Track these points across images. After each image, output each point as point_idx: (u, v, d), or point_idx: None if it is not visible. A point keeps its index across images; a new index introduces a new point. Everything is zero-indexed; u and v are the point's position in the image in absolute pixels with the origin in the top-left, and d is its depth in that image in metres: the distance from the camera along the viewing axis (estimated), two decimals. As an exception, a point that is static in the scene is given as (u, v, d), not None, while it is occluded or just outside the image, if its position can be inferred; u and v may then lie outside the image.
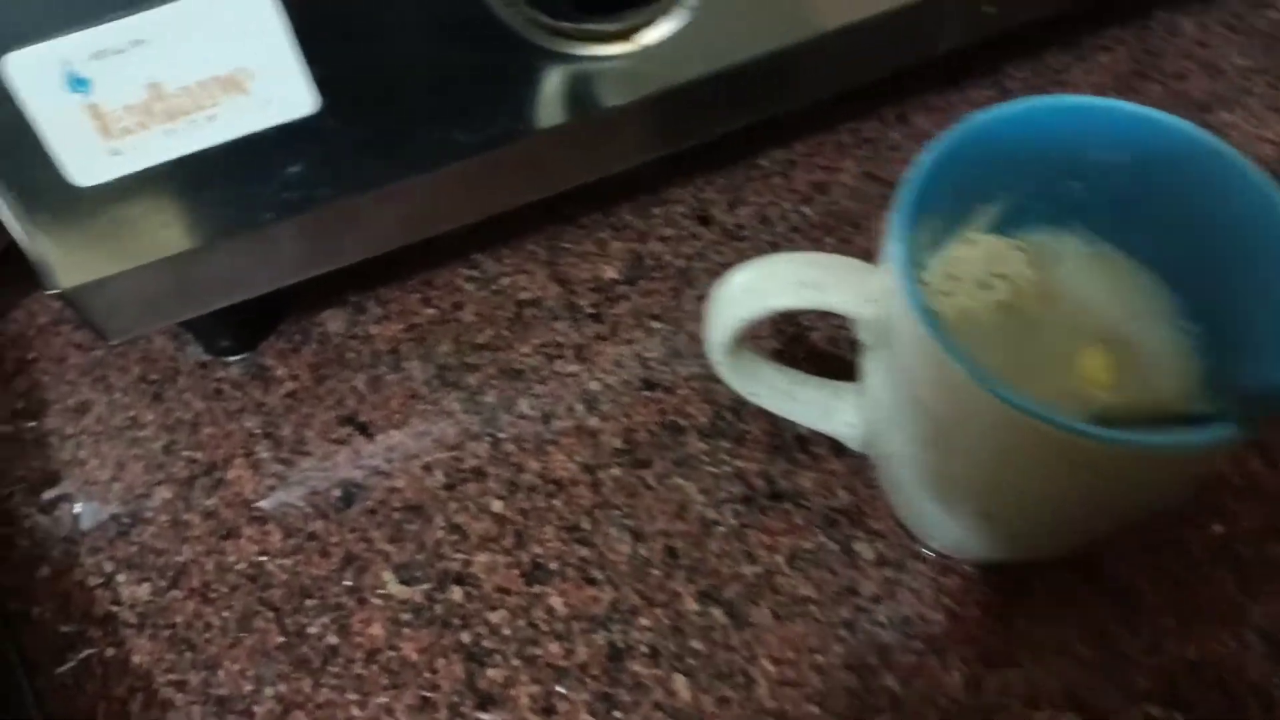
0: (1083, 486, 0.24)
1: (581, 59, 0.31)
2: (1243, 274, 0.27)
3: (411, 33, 0.29)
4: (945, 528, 0.32)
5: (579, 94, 0.32)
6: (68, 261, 0.29)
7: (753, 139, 0.43)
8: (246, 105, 0.28)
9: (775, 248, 0.40)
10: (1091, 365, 0.29)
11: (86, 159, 0.27)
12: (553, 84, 0.31)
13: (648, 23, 0.31)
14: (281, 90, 0.28)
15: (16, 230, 0.28)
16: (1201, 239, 0.28)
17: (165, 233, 0.29)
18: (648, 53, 0.31)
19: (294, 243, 0.31)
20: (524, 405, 0.37)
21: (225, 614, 0.34)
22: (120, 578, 0.34)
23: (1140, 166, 0.28)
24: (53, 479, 0.37)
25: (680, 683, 0.32)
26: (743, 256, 0.40)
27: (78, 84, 0.26)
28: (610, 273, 0.40)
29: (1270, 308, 0.26)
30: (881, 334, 0.26)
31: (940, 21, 0.36)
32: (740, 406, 0.36)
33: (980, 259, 0.29)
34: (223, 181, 0.29)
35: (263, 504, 0.35)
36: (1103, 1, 0.43)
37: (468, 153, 0.31)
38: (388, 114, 0.30)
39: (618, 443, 0.36)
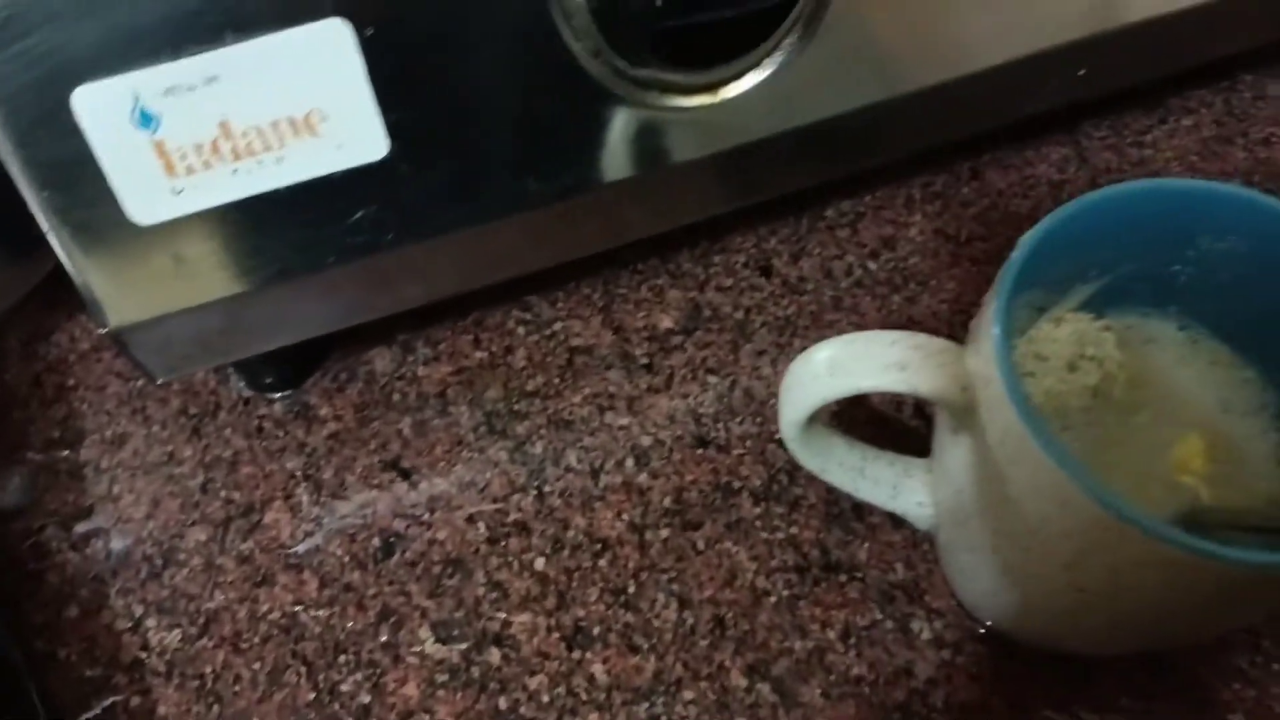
0: (1172, 593, 0.23)
1: (662, 110, 0.31)
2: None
3: (490, 79, 0.29)
4: (1013, 614, 0.31)
5: (656, 145, 0.32)
6: (119, 300, 0.29)
7: (820, 189, 0.42)
8: (316, 147, 0.28)
9: (838, 302, 0.40)
10: (1187, 453, 0.28)
11: (148, 197, 0.27)
12: (630, 135, 0.30)
13: (735, 77, 0.31)
14: (353, 134, 0.28)
15: (69, 265, 0.29)
16: None
17: (221, 274, 0.29)
18: (729, 106, 0.31)
19: (353, 288, 0.31)
20: (572, 458, 0.37)
21: (255, 666, 0.33)
22: (149, 622, 0.34)
23: (1252, 255, 0.27)
24: (86, 512, 0.37)
25: (726, 763, 0.31)
26: (803, 310, 0.40)
27: (146, 120, 0.26)
28: (666, 322, 0.40)
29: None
30: (969, 418, 0.26)
31: (1028, 84, 0.35)
32: (795, 469, 0.36)
33: (1068, 340, 0.29)
34: (285, 223, 0.29)
35: (299, 550, 0.35)
36: (1190, 68, 0.42)
37: (539, 202, 0.31)
38: (459, 160, 0.30)
39: (668, 502, 0.36)
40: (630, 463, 0.37)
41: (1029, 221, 0.42)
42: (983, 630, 0.33)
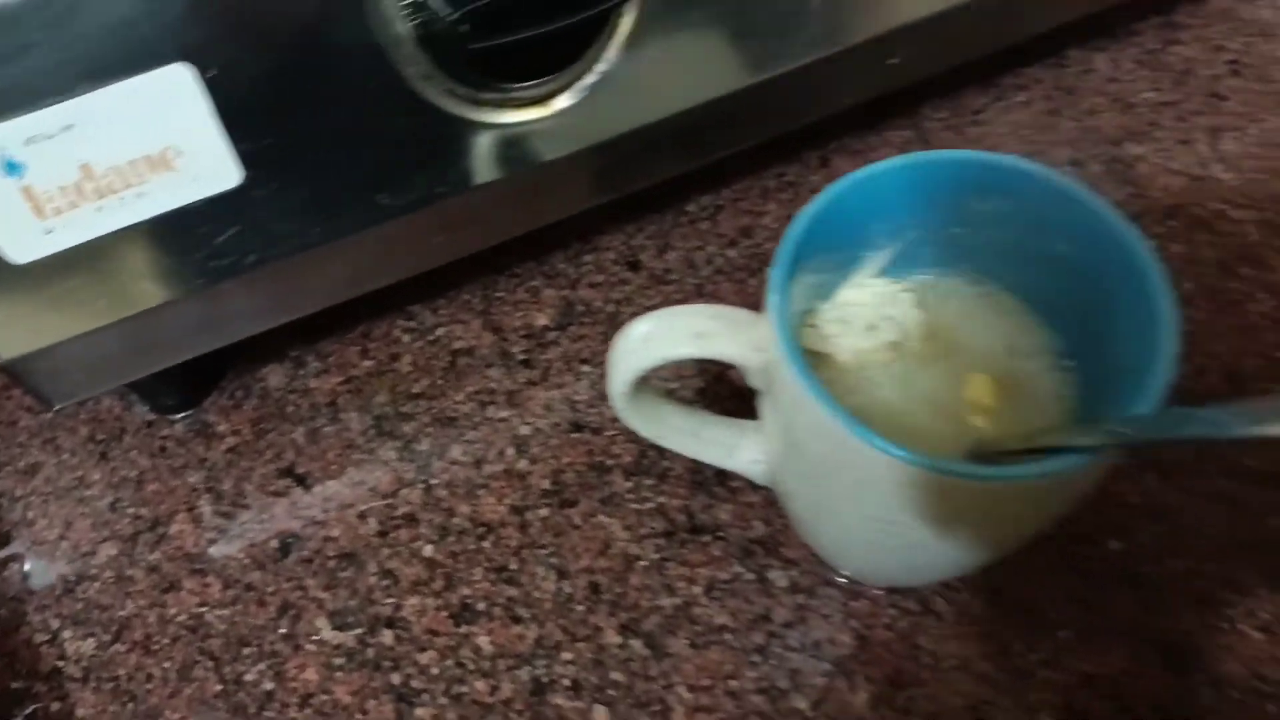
0: (954, 517, 0.28)
1: (499, 124, 0.35)
2: (1106, 313, 0.30)
3: (333, 107, 0.33)
4: (845, 557, 0.35)
5: (497, 157, 0.36)
6: (7, 333, 0.33)
7: (682, 186, 0.47)
8: (174, 181, 0.32)
9: (700, 289, 0.44)
10: (975, 391, 0.32)
11: (21, 238, 0.31)
12: (471, 148, 0.35)
13: (564, 88, 0.35)
14: (207, 166, 0.32)
15: (-42, 304, 0.32)
16: (1072, 280, 0.32)
17: (100, 303, 0.33)
18: (563, 116, 0.35)
19: (227, 306, 0.35)
20: (456, 451, 0.41)
21: (166, 665, 0.37)
22: (66, 634, 0.38)
23: (1015, 214, 0.31)
24: (3, 539, 0.40)
25: (600, 713, 0.35)
26: (669, 300, 0.44)
27: (13, 168, 0.30)
28: (542, 320, 0.44)
29: (1128, 344, 0.29)
30: (767, 379, 0.30)
31: (842, 77, 0.40)
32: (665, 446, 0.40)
33: (870, 302, 0.33)
34: (155, 252, 0.33)
35: (203, 557, 0.39)
36: (1014, 46, 0.47)
37: (391, 215, 0.35)
38: (311, 183, 0.34)
39: (546, 484, 0.40)
40: (511, 451, 0.41)
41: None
42: (835, 576, 0.37)
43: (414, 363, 0.43)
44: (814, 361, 0.32)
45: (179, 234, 0.33)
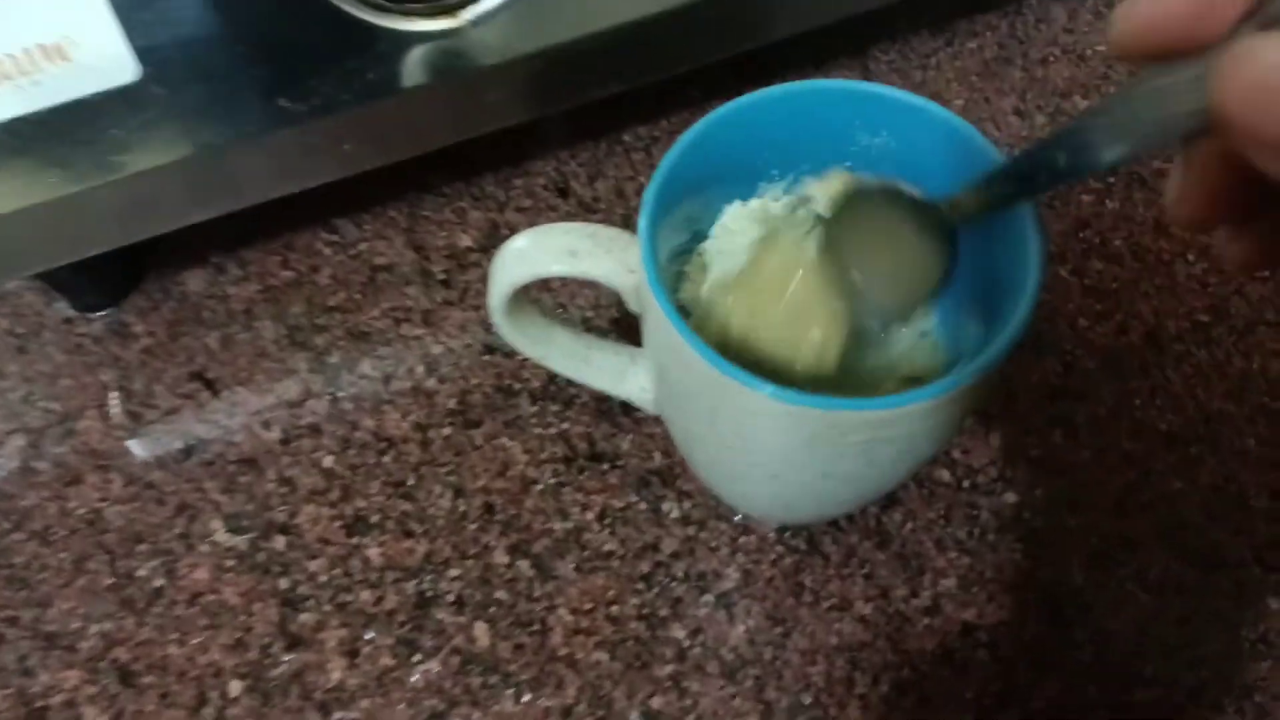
0: (786, 439, 0.27)
1: (404, 33, 0.35)
2: (986, 258, 0.30)
3: (231, 5, 0.32)
4: (722, 489, 0.35)
5: (403, 67, 0.35)
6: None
7: (619, 115, 0.46)
8: (70, 72, 0.32)
9: (627, 220, 0.44)
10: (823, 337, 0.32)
11: (-87, 118, 0.31)
12: (375, 56, 0.34)
13: (468, 1, 0.35)
14: (103, 59, 0.32)
15: None
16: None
17: (3, 189, 0.33)
18: (475, 27, 0.35)
19: (130, 201, 0.35)
20: (366, 366, 0.41)
21: (62, 555, 0.37)
22: (-34, 518, 0.38)
23: (900, 151, 0.31)
24: (-87, 425, 0.41)
25: (481, 630, 0.35)
26: (594, 229, 0.43)
27: (-98, 48, 0.30)
28: (466, 241, 0.44)
29: (1002, 287, 0.29)
30: (640, 303, 0.30)
31: (781, 5, 0.39)
32: (573, 373, 0.40)
33: (746, 226, 0.32)
34: (52, 143, 0.33)
35: (108, 454, 0.39)
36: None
37: (292, 121, 0.35)
38: (208, 82, 0.33)
39: (452, 404, 0.40)
40: (420, 369, 0.40)
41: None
42: (736, 517, 0.37)
43: (333, 276, 0.43)
44: (696, 292, 0.32)
45: (78, 126, 0.33)
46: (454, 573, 0.36)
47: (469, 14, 0.35)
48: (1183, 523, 0.36)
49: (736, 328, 0.30)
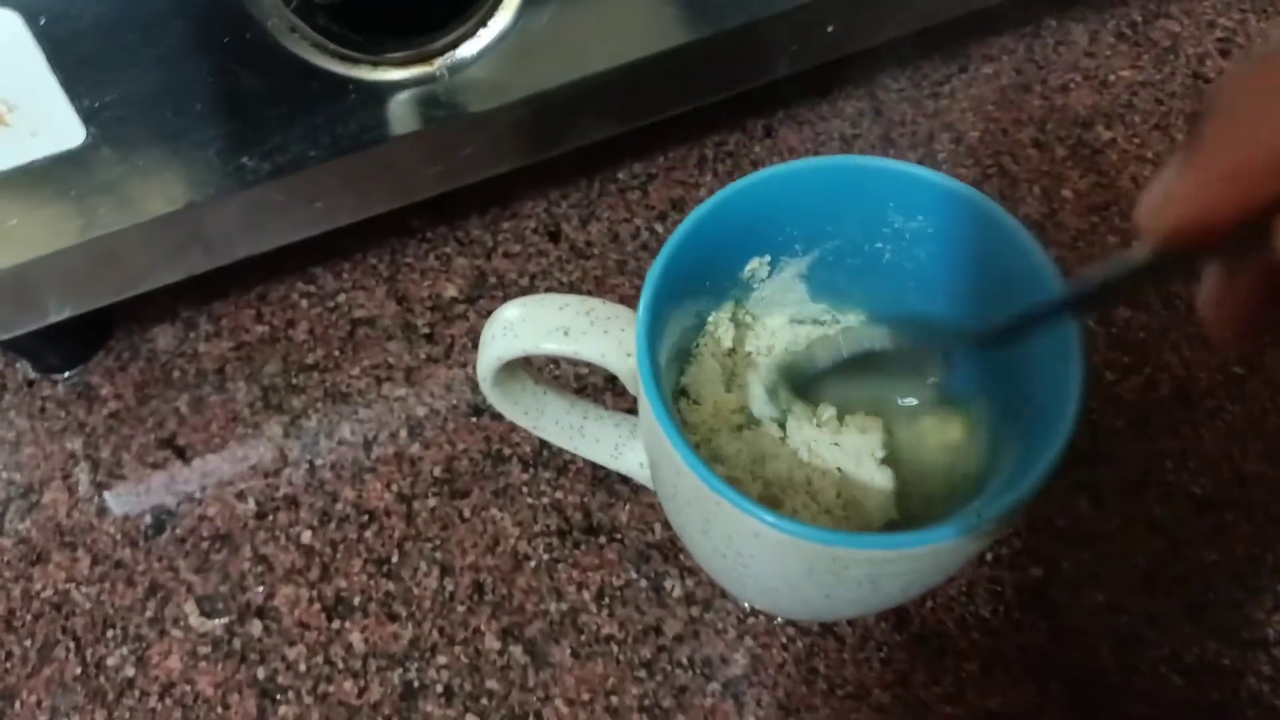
0: (780, 566, 0.25)
1: (377, 84, 0.32)
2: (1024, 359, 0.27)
3: (184, 61, 0.30)
4: (721, 583, 0.33)
5: (377, 118, 0.33)
6: None
7: (614, 151, 0.43)
8: (9, 137, 0.29)
9: (623, 266, 0.41)
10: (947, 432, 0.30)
11: None
12: (346, 108, 0.31)
13: (451, 46, 0.32)
14: (46, 123, 0.29)
15: None
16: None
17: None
18: (450, 76, 0.32)
19: (85, 269, 0.32)
20: (346, 430, 0.38)
21: (27, 643, 0.35)
22: (-77, 603, 0.36)
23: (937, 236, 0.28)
24: None
25: (471, 723, 0.33)
26: (588, 275, 0.41)
27: None
28: (451, 291, 0.41)
29: (1040, 380, 0.26)
30: (637, 390, 0.27)
31: (773, 45, 0.36)
32: (567, 435, 0.38)
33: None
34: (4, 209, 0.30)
35: (74, 529, 0.37)
36: (985, 12, 0.43)
37: (258, 180, 0.32)
38: (166, 143, 0.31)
39: (438, 471, 0.37)
40: (404, 433, 0.38)
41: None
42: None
43: (310, 330, 0.40)
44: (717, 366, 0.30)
45: (26, 192, 0.30)
46: (442, 660, 0.34)
47: (446, 61, 0.32)
48: (1216, 597, 0.34)
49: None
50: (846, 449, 0.29)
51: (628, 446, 0.32)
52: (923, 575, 0.25)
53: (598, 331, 0.27)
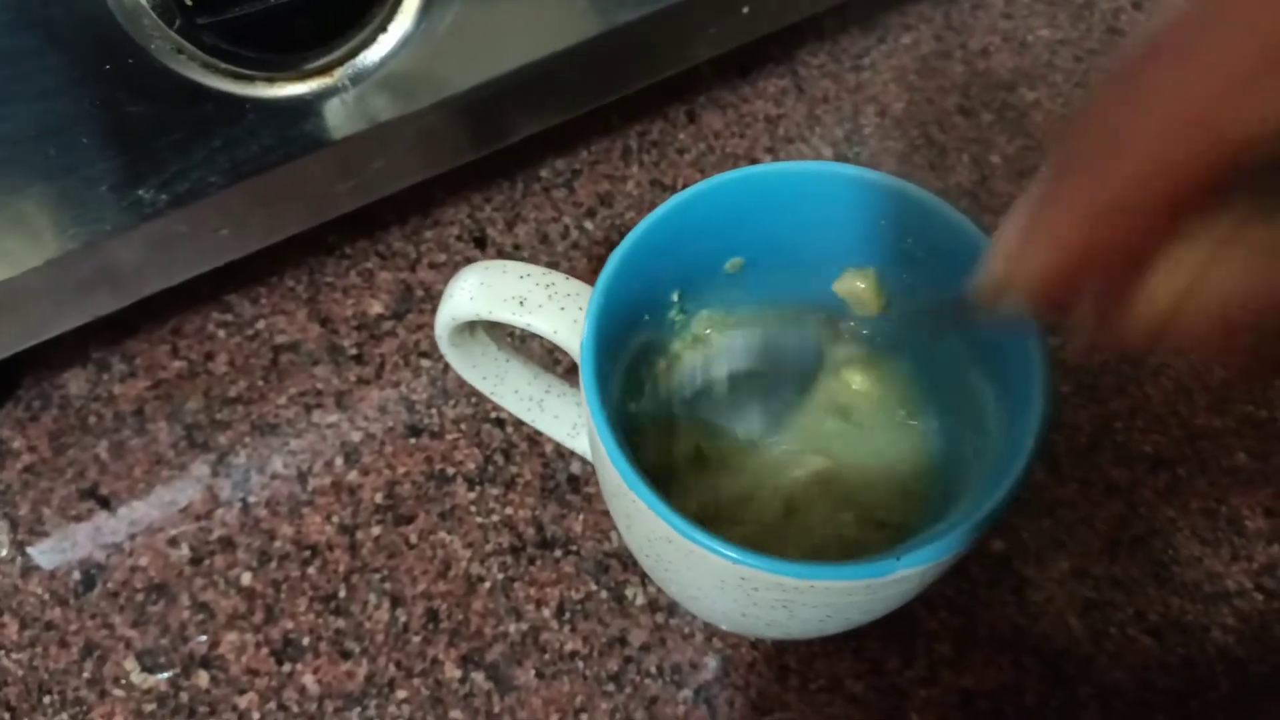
0: (698, 574, 0.24)
1: (275, 101, 0.30)
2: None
3: (62, 95, 0.28)
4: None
5: (279, 135, 0.31)
6: None
7: (535, 148, 0.42)
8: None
9: (554, 268, 0.40)
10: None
11: None
12: (245, 128, 0.30)
13: (347, 57, 0.30)
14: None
15: None
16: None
17: None
18: (352, 87, 0.31)
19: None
20: (278, 463, 0.37)
21: (-45, 720, 0.33)
22: None
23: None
24: None
25: (438, 758, 0.32)
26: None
27: None
28: (376, 307, 0.40)
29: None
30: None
31: (690, 28, 0.35)
32: (511, 448, 0.36)
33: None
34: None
35: (-5, 594, 0.35)
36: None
37: (156, 212, 0.30)
38: (52, 181, 0.29)
39: (379, 498, 0.36)
40: (340, 461, 0.37)
41: (745, 161, 0.42)
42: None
43: (231, 362, 0.38)
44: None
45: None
46: (401, 694, 0.33)
47: (347, 71, 0.31)
48: (1177, 554, 0.34)
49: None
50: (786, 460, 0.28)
51: (584, 427, 0.31)
52: (840, 610, 0.24)
53: (554, 307, 0.27)
